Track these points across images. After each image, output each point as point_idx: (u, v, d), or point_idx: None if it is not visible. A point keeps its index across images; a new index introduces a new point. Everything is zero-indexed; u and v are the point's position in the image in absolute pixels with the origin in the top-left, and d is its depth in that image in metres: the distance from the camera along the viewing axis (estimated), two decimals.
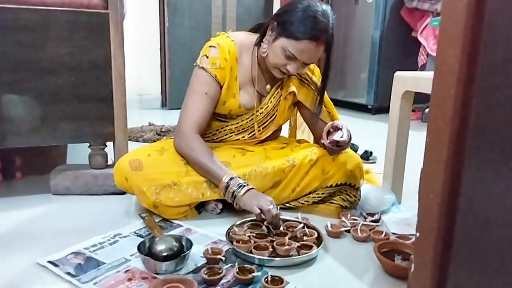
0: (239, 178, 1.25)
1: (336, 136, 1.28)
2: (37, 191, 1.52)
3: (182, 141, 1.32)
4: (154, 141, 2.34)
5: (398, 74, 1.44)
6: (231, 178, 1.23)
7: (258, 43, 1.38)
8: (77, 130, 1.46)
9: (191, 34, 3.56)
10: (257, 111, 1.44)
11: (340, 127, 1.31)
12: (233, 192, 1.22)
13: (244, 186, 1.22)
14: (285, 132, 1.69)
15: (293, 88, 1.44)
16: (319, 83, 1.47)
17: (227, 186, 1.23)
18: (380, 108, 3.56)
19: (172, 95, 3.57)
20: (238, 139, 1.47)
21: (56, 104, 1.42)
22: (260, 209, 1.17)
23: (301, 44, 1.26)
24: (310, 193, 1.40)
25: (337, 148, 1.30)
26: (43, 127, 1.42)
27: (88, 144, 1.54)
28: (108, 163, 1.58)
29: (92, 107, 1.46)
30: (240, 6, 3.78)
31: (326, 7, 1.30)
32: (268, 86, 1.45)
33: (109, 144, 1.56)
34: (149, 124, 2.77)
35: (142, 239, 1.13)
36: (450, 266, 0.55)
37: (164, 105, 3.73)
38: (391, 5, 3.48)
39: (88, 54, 1.42)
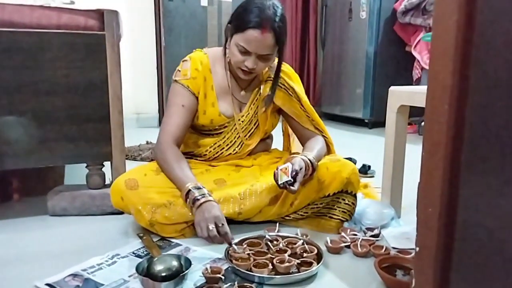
0: (203, 188, 1.25)
1: (281, 178, 1.26)
2: (34, 213, 1.51)
3: (158, 151, 1.38)
4: (152, 159, 2.33)
5: (392, 89, 1.45)
6: (194, 187, 1.23)
7: (225, 51, 1.43)
8: (74, 150, 1.46)
9: (187, 53, 3.58)
10: (239, 120, 1.46)
11: (293, 174, 1.26)
12: (191, 203, 1.22)
13: (203, 197, 1.22)
14: (279, 141, 1.70)
15: (269, 92, 1.46)
16: (296, 88, 1.49)
17: (187, 195, 1.23)
18: (377, 122, 3.58)
19: None
20: (229, 154, 1.48)
21: (53, 126, 1.42)
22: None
23: (246, 34, 1.29)
24: (308, 204, 1.40)
25: (283, 188, 1.28)
26: (41, 148, 1.42)
27: (85, 164, 1.53)
28: (106, 183, 1.57)
29: (90, 127, 1.46)
30: None
31: (274, 1, 1.33)
32: (242, 92, 1.47)
33: (107, 163, 1.56)
34: (147, 142, 2.77)
35: (140, 259, 1.12)
36: (451, 280, 0.54)
37: (161, 123, 3.74)
38: (384, 20, 3.54)
39: (85, 75, 1.43)
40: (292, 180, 1.26)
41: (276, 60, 1.44)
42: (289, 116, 1.51)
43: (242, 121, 1.47)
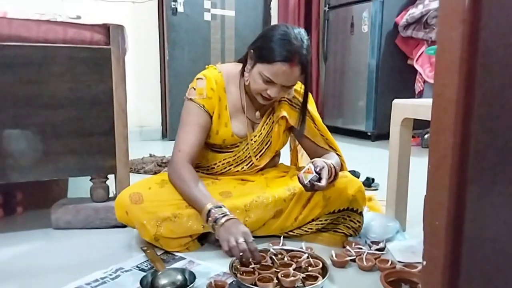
0: (223, 207, 1.21)
1: (306, 178, 1.24)
2: (38, 226, 1.51)
3: (172, 171, 1.33)
4: (155, 172, 2.34)
5: (396, 101, 1.46)
6: (214, 207, 1.19)
7: (242, 72, 1.41)
8: (79, 163, 1.46)
9: (191, 66, 3.63)
10: (251, 140, 1.45)
11: (318, 170, 1.25)
12: (213, 223, 1.17)
13: (225, 215, 1.17)
14: (286, 156, 1.70)
15: (284, 113, 1.46)
16: (310, 107, 1.48)
17: (208, 214, 1.19)
18: (380, 134, 3.58)
19: (172, 126, 3.60)
20: (237, 171, 1.48)
21: (58, 139, 1.43)
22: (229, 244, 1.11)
23: (274, 67, 1.28)
24: (313, 220, 1.39)
25: (310, 188, 1.26)
26: (45, 161, 1.42)
27: (89, 177, 1.54)
28: (110, 196, 1.57)
29: (94, 140, 1.47)
30: (238, 38, 3.87)
31: (299, 30, 1.31)
32: (257, 113, 1.47)
33: (111, 176, 1.56)
34: (150, 155, 2.77)
35: (144, 273, 1.11)
36: None
37: (164, 136, 3.75)
38: (386, 34, 3.56)
39: (90, 88, 1.44)
40: (317, 176, 1.24)
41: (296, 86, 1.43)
42: (303, 134, 1.49)
43: (255, 141, 1.46)
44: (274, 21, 4.09)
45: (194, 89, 1.39)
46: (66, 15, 1.73)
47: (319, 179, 1.24)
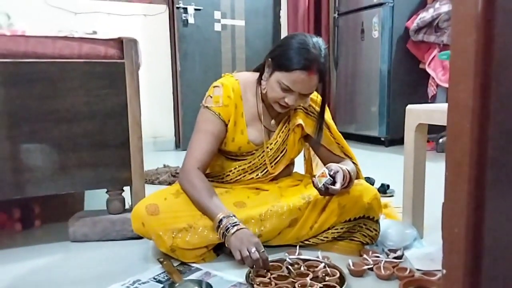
0: (234, 217, 1.23)
1: (320, 181, 1.24)
2: (55, 239, 1.53)
3: (184, 178, 1.34)
4: (170, 183, 2.36)
5: (410, 107, 1.45)
6: (225, 217, 1.22)
7: (259, 81, 1.42)
8: (95, 176, 1.48)
9: (202, 77, 3.66)
10: (267, 147, 1.45)
11: (332, 173, 1.25)
12: (224, 231, 1.20)
13: (236, 225, 1.20)
14: (300, 165, 1.69)
15: (300, 121, 1.46)
16: (324, 114, 1.48)
17: (219, 225, 1.21)
18: (394, 140, 3.55)
19: (185, 136, 3.63)
20: (252, 178, 1.48)
21: (74, 152, 1.45)
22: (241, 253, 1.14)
23: (293, 75, 1.28)
24: (329, 228, 1.38)
25: (325, 192, 1.26)
26: (62, 175, 1.45)
27: (105, 190, 1.55)
28: (126, 208, 1.59)
29: (110, 153, 1.49)
30: (248, 48, 3.90)
31: (317, 39, 1.32)
32: (273, 122, 1.47)
33: (126, 188, 1.57)
34: (164, 166, 2.79)
35: (161, 285, 1.11)
36: None
37: (178, 146, 3.78)
38: (397, 38, 3.55)
39: (105, 102, 1.46)
40: (332, 179, 1.24)
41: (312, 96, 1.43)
42: (319, 143, 1.48)
43: (271, 149, 1.46)
44: (283, 29, 4.11)
45: (211, 97, 1.40)
46: (83, 31, 1.77)
47: (333, 183, 1.24)
